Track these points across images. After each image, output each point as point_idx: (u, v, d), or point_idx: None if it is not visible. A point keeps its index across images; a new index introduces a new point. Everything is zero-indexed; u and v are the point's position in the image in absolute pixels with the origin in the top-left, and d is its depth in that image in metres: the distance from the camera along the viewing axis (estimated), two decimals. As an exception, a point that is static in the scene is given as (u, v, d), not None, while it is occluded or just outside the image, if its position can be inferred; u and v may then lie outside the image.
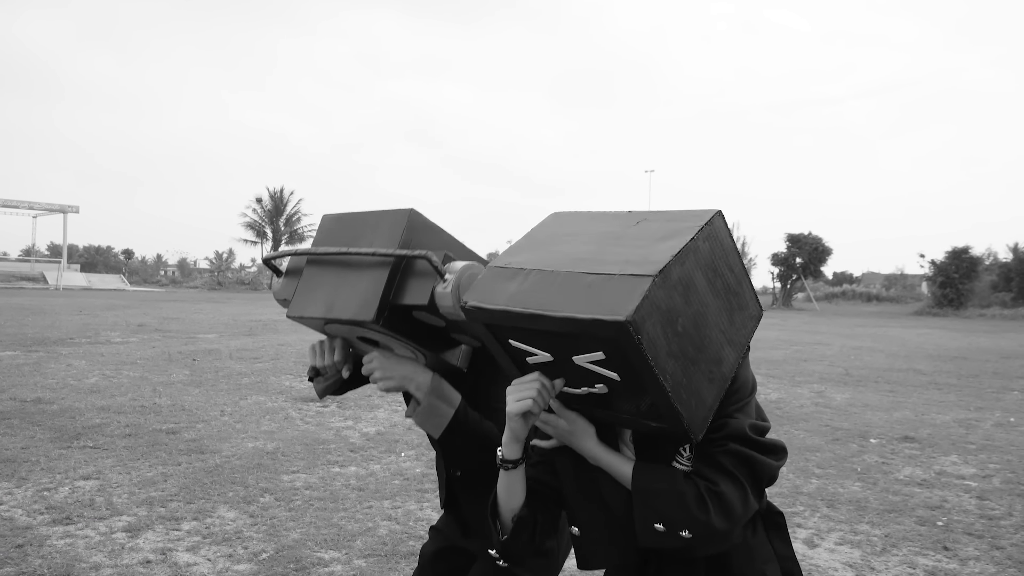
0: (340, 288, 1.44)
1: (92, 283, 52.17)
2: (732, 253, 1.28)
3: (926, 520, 4.23)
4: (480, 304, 1.22)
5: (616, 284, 1.11)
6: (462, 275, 1.34)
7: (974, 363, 13.00)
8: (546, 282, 1.19)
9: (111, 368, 9.44)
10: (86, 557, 3.38)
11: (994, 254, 42.17)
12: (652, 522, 1.25)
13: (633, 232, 1.25)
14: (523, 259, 1.28)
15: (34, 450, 5.19)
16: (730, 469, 1.25)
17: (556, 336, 1.17)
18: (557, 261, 1.23)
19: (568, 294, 1.14)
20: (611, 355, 1.13)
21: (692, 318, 1.17)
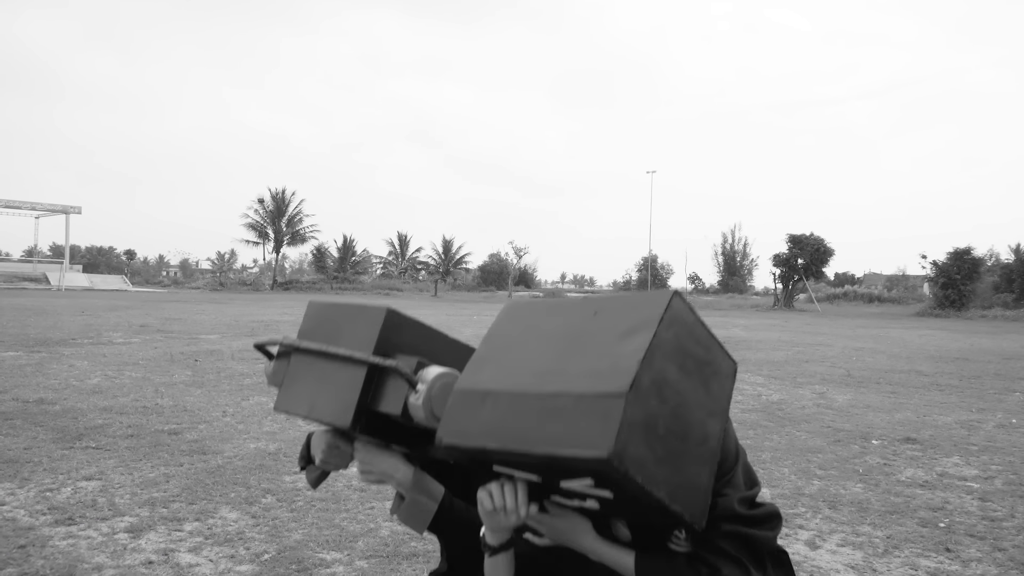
0: (321, 387, 1.44)
1: (94, 284, 52.24)
2: (696, 326, 1.25)
3: (928, 522, 4.22)
4: (456, 443, 1.20)
5: (589, 408, 1.07)
6: (434, 386, 1.31)
7: (976, 364, 12.99)
8: (517, 408, 1.15)
9: (113, 369, 9.45)
10: (88, 558, 3.38)
11: (996, 255, 42.20)
12: None
13: (593, 329, 1.21)
14: (488, 376, 1.24)
15: (36, 451, 5.20)
16: (730, 552, 1.26)
17: (541, 464, 1.14)
18: (523, 377, 1.19)
19: (543, 424, 1.10)
20: (600, 480, 1.10)
21: (671, 414, 1.14)
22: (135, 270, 77.10)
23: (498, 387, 1.20)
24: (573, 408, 1.09)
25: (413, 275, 66.34)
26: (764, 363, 12.33)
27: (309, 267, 74.98)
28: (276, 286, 56.06)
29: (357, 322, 1.44)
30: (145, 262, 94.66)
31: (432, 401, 1.30)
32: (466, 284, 64.53)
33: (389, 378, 1.36)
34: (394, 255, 70.50)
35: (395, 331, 1.40)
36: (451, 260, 61.76)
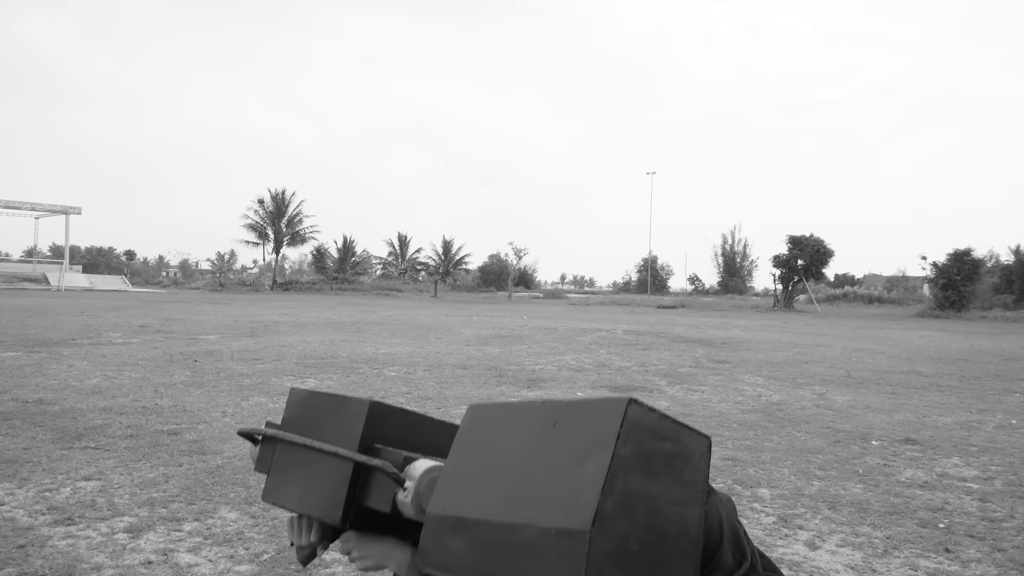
0: (309, 481, 1.44)
1: (94, 284, 52.24)
2: (657, 423, 1.21)
3: (928, 522, 4.22)
4: (438, 512, 1.23)
5: (554, 544, 1.08)
6: (421, 482, 1.31)
7: (976, 365, 12.99)
8: (487, 542, 1.17)
9: (113, 369, 9.45)
10: (88, 558, 3.38)
11: (996, 256, 42.23)
12: None
13: (552, 445, 1.20)
14: (458, 499, 1.26)
15: (36, 451, 5.19)
16: None
17: None
18: (489, 503, 1.20)
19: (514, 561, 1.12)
20: None
21: (643, 526, 1.14)
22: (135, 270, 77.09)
23: (468, 515, 1.22)
24: (539, 542, 1.10)
25: (413, 276, 66.35)
26: (764, 364, 12.33)
27: (309, 268, 74.98)
28: (276, 287, 56.06)
29: (340, 415, 1.44)
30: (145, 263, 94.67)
31: (420, 498, 1.30)
32: (466, 285, 64.51)
33: (376, 473, 1.37)
34: (394, 256, 70.54)
35: (379, 423, 1.41)
36: (451, 261, 61.76)
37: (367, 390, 8.31)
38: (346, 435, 1.40)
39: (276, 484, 1.53)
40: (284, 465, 1.52)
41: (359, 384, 8.76)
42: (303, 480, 1.46)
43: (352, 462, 1.37)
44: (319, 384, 8.69)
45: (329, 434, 1.43)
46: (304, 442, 1.44)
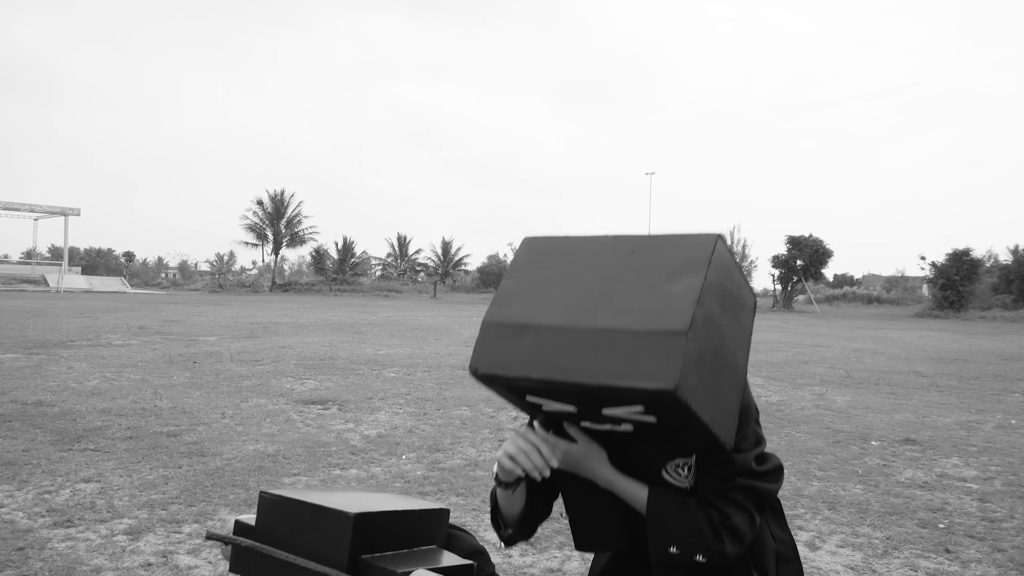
0: None
1: (93, 285, 52.22)
2: (732, 266, 1.28)
3: (927, 522, 4.22)
4: (493, 372, 1.19)
5: (646, 343, 1.09)
6: None
7: (975, 365, 13.00)
8: (563, 341, 1.15)
9: (112, 371, 9.44)
10: (87, 560, 3.38)
11: (995, 256, 42.26)
12: (667, 546, 1.31)
13: (632, 266, 1.21)
14: (522, 311, 1.22)
15: (35, 453, 5.19)
16: (740, 502, 1.33)
17: (587, 395, 1.15)
18: (563, 312, 1.18)
19: (594, 356, 1.11)
20: (651, 407, 1.13)
21: (715, 348, 1.19)
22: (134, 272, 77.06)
23: (536, 321, 1.19)
24: (629, 343, 1.11)
25: (412, 276, 66.32)
26: (763, 364, 12.33)
27: (308, 269, 74.97)
28: (275, 288, 56.04)
29: (323, 527, 1.35)
30: (144, 264, 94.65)
31: None
32: (465, 286, 64.49)
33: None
34: (393, 257, 70.52)
35: (366, 534, 1.34)
36: (450, 262, 61.71)
37: (367, 391, 8.31)
38: (332, 550, 1.31)
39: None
40: (265, 573, 1.41)
41: (358, 385, 8.76)
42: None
43: None
44: (318, 385, 8.68)
45: (311, 546, 1.34)
46: (287, 558, 1.34)
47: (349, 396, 7.95)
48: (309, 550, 1.33)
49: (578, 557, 3.61)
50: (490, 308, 1.25)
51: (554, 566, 3.51)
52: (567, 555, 3.64)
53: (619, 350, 1.10)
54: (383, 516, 1.36)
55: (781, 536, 1.47)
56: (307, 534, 1.36)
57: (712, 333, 1.17)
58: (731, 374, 1.25)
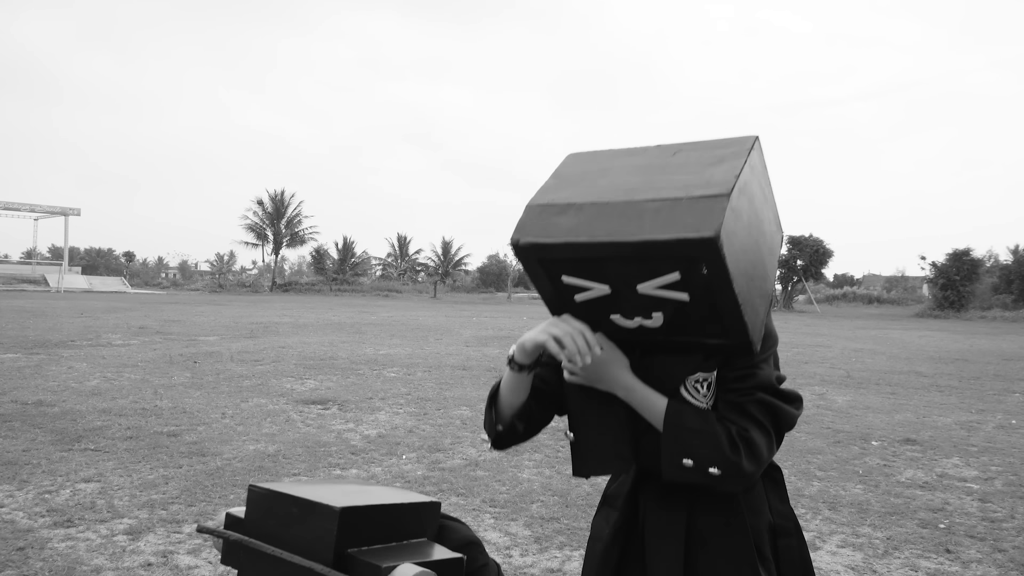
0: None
1: (93, 285, 52.22)
2: (764, 174, 1.34)
3: (928, 523, 4.22)
4: (535, 240, 1.20)
5: (687, 206, 1.12)
6: None
7: (975, 365, 12.99)
8: (606, 212, 1.17)
9: (112, 370, 9.44)
10: (87, 560, 3.38)
11: (995, 256, 42.23)
12: (681, 457, 1.28)
13: (675, 162, 1.25)
14: (567, 195, 1.25)
15: (35, 452, 5.19)
16: (758, 417, 1.30)
17: (622, 264, 1.17)
18: (608, 193, 1.21)
19: (637, 220, 1.14)
20: (686, 275, 1.14)
21: (751, 236, 1.22)
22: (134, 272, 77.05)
23: (580, 200, 1.21)
24: (672, 208, 1.13)
25: (412, 276, 66.30)
26: (763, 364, 12.31)
27: (308, 269, 74.94)
28: (275, 288, 56.03)
29: (309, 520, 1.36)
30: (144, 264, 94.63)
31: None
32: (465, 286, 64.49)
33: None
34: (393, 256, 70.50)
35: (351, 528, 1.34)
36: (450, 262, 61.66)
37: (367, 391, 8.31)
38: (317, 544, 1.31)
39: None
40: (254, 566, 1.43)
41: (359, 385, 8.76)
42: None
43: None
44: (318, 385, 8.68)
45: (298, 540, 1.35)
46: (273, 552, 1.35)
47: (349, 396, 7.95)
48: (296, 544, 1.34)
49: (579, 558, 3.61)
50: (533, 197, 1.28)
51: (554, 566, 3.51)
52: (567, 555, 3.64)
53: (661, 214, 1.13)
54: (371, 510, 1.36)
55: (780, 509, 1.44)
56: (294, 528, 1.36)
57: (749, 221, 1.21)
58: (761, 280, 1.27)
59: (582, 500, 4.46)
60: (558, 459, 5.41)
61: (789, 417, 1.35)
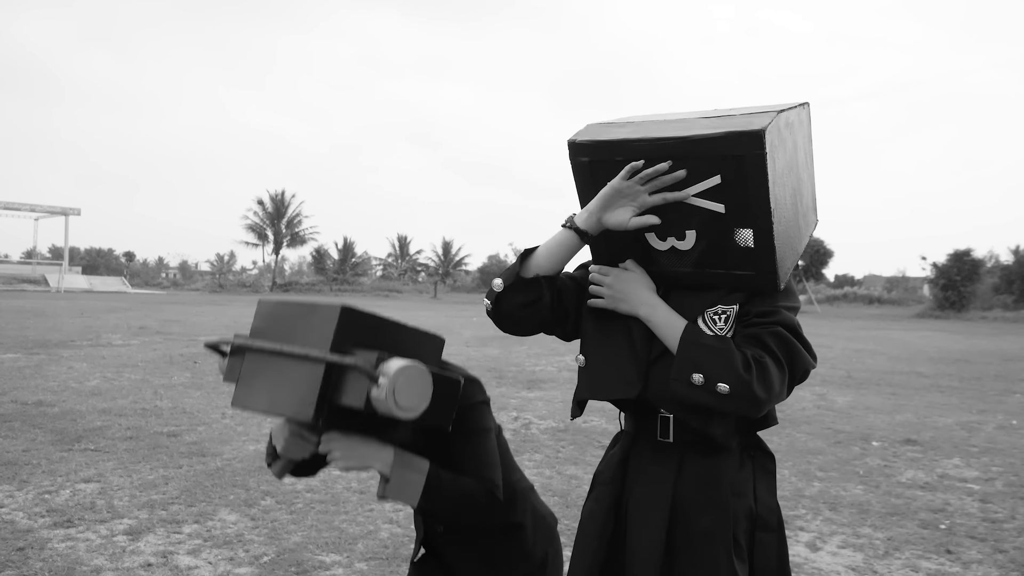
0: (280, 382, 1.41)
1: (93, 285, 52.22)
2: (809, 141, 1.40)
3: (929, 523, 4.22)
4: (591, 138, 1.29)
5: (737, 118, 1.20)
6: (396, 379, 1.30)
7: (976, 366, 12.98)
8: (660, 124, 1.27)
9: (112, 371, 9.44)
10: (87, 560, 3.37)
11: (996, 256, 42.16)
12: (691, 372, 1.28)
13: (723, 112, 1.32)
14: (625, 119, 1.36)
15: (35, 453, 5.19)
16: (774, 349, 1.31)
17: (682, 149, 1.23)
18: (660, 122, 1.30)
19: (688, 126, 1.22)
20: (728, 180, 1.20)
21: (790, 177, 1.27)
22: (134, 272, 77.05)
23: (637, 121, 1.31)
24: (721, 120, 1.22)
25: (413, 277, 66.29)
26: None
27: (309, 269, 74.95)
28: (275, 288, 56.03)
29: (311, 320, 1.41)
30: (144, 264, 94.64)
31: (396, 394, 1.29)
32: (466, 286, 64.44)
33: (350, 371, 1.35)
34: (394, 257, 70.49)
35: (352, 328, 1.38)
36: (450, 262, 61.67)
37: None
38: (318, 339, 1.36)
39: (245, 390, 1.49)
40: (254, 372, 1.48)
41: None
42: (274, 383, 1.42)
43: (324, 362, 1.34)
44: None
45: (300, 340, 1.39)
46: (274, 348, 1.41)
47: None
48: (298, 343, 1.38)
49: (579, 558, 3.60)
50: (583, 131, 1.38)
51: (555, 567, 3.50)
52: (566, 556, 3.63)
53: (710, 121, 1.23)
54: (373, 318, 1.41)
55: (766, 500, 1.43)
56: (298, 329, 1.41)
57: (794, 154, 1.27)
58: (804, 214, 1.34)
59: (582, 500, 4.45)
60: (558, 459, 5.40)
61: (804, 360, 1.34)
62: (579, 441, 5.91)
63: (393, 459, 1.50)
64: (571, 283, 1.51)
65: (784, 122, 1.21)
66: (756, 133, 1.13)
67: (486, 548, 1.71)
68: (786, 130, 1.23)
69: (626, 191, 1.33)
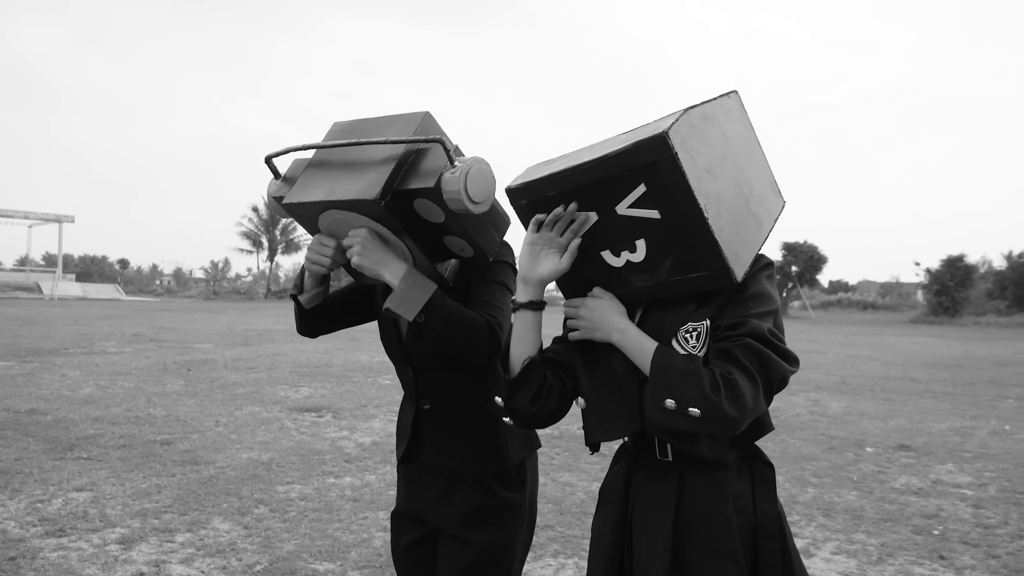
0: (344, 177, 1.44)
1: (87, 293, 52.02)
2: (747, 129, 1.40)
3: (922, 529, 4.22)
4: (524, 180, 1.34)
5: (648, 127, 1.24)
6: (471, 165, 1.37)
7: (969, 371, 13.02)
8: (587, 149, 1.33)
9: (106, 378, 9.41)
10: (79, 570, 3.36)
11: (989, 262, 42.29)
12: (663, 398, 1.28)
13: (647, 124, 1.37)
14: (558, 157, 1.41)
15: (27, 461, 5.16)
16: (744, 362, 1.27)
17: (596, 187, 1.27)
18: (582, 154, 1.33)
19: (605, 146, 1.27)
20: (652, 186, 1.22)
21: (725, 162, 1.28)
22: (128, 279, 76.76)
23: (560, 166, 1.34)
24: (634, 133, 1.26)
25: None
26: (758, 370, 12.32)
27: (303, 276, 74.59)
28: (270, 295, 55.91)
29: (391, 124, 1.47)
30: (139, 271, 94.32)
31: (468, 178, 1.35)
32: (461, 292, 64.43)
33: (422, 164, 1.41)
34: (389, 263, 70.33)
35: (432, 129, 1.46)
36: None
37: (361, 399, 8.29)
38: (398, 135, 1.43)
39: (303, 188, 1.50)
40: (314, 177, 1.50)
41: (353, 392, 8.74)
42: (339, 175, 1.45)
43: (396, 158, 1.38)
44: (313, 393, 8.66)
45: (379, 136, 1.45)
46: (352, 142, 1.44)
47: (344, 404, 7.93)
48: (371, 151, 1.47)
49: (573, 566, 3.60)
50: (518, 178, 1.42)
51: (548, 574, 3.50)
52: (562, 563, 3.63)
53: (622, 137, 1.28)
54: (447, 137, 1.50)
55: (765, 510, 1.42)
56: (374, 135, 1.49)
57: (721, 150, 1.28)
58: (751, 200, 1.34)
59: (576, 508, 4.46)
60: (552, 466, 5.40)
61: (778, 368, 1.30)
62: (573, 448, 5.91)
63: (405, 271, 1.53)
64: (557, 345, 1.53)
65: (699, 117, 1.23)
66: (659, 137, 1.16)
67: (469, 430, 1.75)
68: (705, 123, 1.25)
69: (539, 242, 1.39)
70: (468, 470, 1.75)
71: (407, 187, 1.39)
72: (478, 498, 1.73)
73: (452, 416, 1.77)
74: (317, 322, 1.84)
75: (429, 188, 1.37)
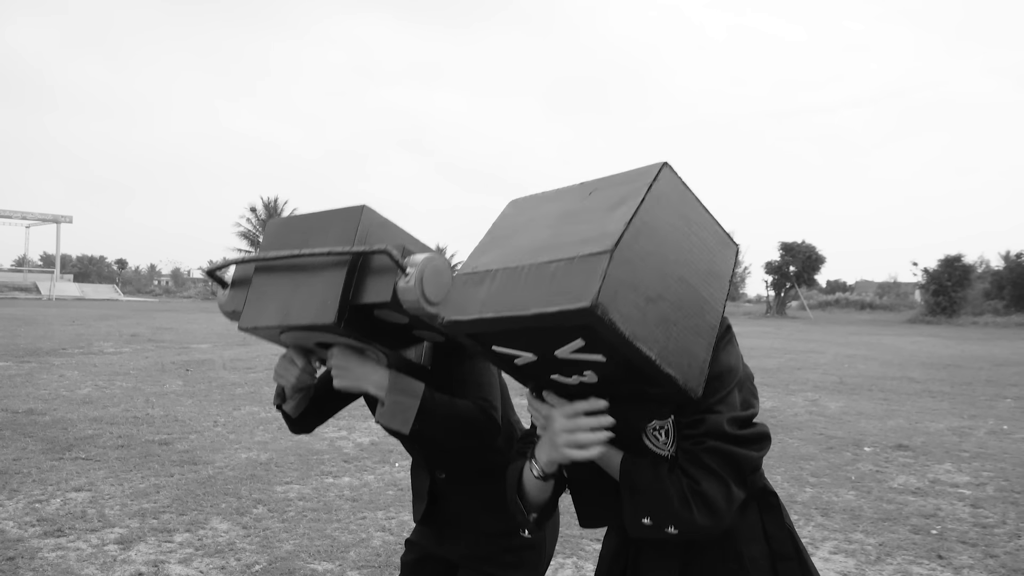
0: (295, 293, 1.36)
1: (85, 293, 51.99)
2: (686, 199, 1.28)
3: (920, 528, 4.23)
4: (456, 317, 1.21)
5: (576, 268, 1.10)
6: (424, 268, 1.30)
7: (967, 371, 13.04)
8: (513, 280, 1.17)
9: (104, 379, 9.40)
10: (78, 570, 3.36)
11: (986, 262, 42.36)
12: (640, 517, 1.26)
13: (587, 205, 1.24)
14: (488, 259, 1.26)
15: (26, 461, 5.16)
16: (711, 467, 1.24)
17: (534, 333, 1.15)
18: (520, 255, 1.21)
19: (534, 289, 1.12)
20: (590, 340, 1.11)
21: (667, 274, 1.18)
22: (126, 279, 76.68)
23: (497, 266, 1.22)
24: (564, 272, 1.11)
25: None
26: (757, 370, 12.26)
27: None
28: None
29: (330, 225, 1.37)
30: (136, 271, 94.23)
31: (424, 283, 1.28)
32: (459, 292, 64.48)
33: (371, 271, 1.32)
34: (387, 263, 70.33)
35: (371, 230, 1.36)
36: (444, 268, 61.66)
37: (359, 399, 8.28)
38: (338, 240, 1.33)
39: (254, 310, 1.42)
40: (263, 292, 1.42)
41: (352, 393, 8.74)
42: (288, 295, 1.37)
43: (345, 264, 1.30)
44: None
45: (317, 246, 1.35)
46: (292, 253, 1.35)
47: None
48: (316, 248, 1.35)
49: (572, 566, 3.61)
50: (466, 261, 1.31)
51: (548, 574, 3.50)
52: (560, 563, 3.64)
53: (554, 279, 1.11)
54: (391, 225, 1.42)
55: (776, 534, 1.40)
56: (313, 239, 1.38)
57: (653, 265, 1.16)
58: (694, 316, 1.22)
59: (572, 509, 4.46)
60: (551, 466, 5.40)
61: (747, 460, 1.27)
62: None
63: (388, 383, 1.50)
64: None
65: (629, 244, 1.11)
66: (586, 311, 1.03)
67: (487, 490, 1.72)
68: (638, 245, 1.13)
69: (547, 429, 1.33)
70: (491, 527, 1.74)
71: (363, 301, 1.33)
72: (501, 543, 1.74)
73: (470, 481, 1.76)
74: (308, 421, 1.80)
75: (386, 302, 1.31)
